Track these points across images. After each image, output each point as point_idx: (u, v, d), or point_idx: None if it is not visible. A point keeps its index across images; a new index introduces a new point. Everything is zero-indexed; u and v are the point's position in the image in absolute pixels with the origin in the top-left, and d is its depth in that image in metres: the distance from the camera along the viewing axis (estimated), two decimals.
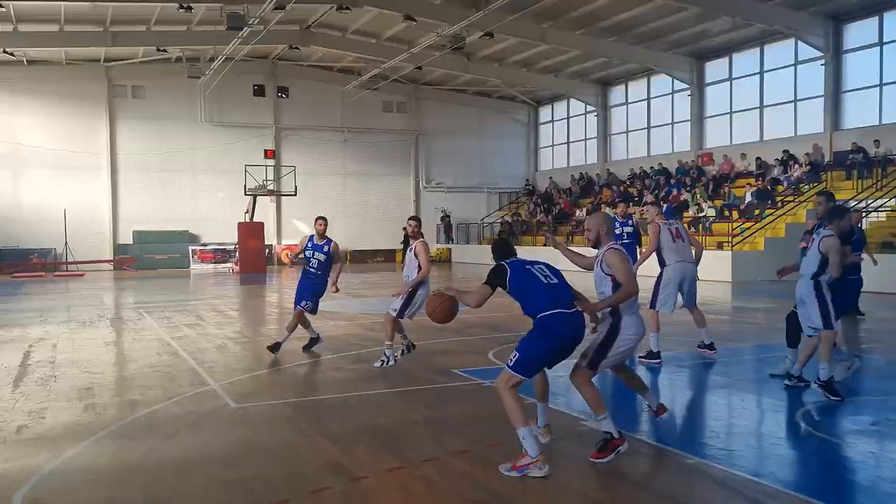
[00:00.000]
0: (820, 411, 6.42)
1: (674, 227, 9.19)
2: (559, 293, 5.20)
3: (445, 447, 5.64)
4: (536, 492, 4.78)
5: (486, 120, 38.77)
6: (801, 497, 4.57)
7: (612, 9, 24.96)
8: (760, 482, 4.81)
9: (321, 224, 9.89)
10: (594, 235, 5.57)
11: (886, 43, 22.75)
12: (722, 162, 27.66)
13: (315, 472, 5.12)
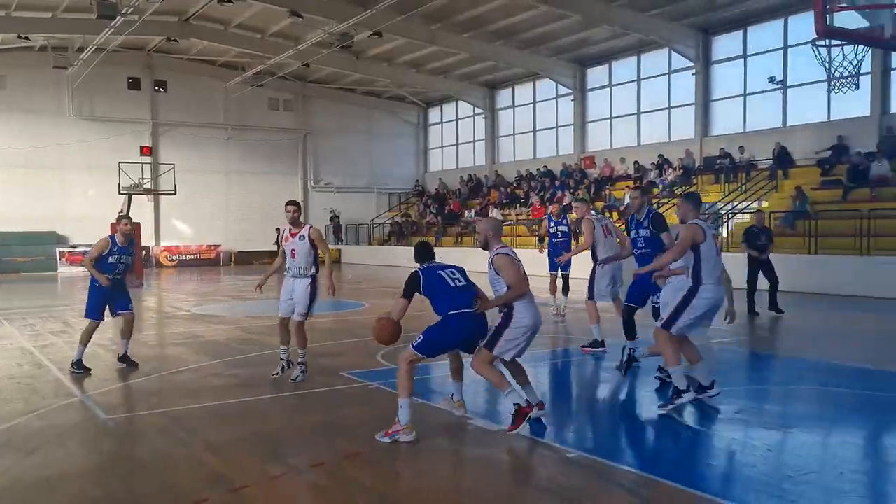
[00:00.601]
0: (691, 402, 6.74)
1: (604, 222, 9.82)
2: (464, 296, 5.83)
3: (334, 451, 5.57)
4: (425, 492, 4.79)
5: (375, 120, 38.63)
6: (671, 485, 4.78)
7: (498, 13, 25.43)
8: (636, 472, 5.02)
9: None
10: (483, 239, 6.04)
11: (750, 55, 24.29)
12: (603, 165, 28.72)
13: (192, 484, 4.93)
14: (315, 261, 7.88)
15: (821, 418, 6.37)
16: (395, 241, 34.77)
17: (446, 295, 5.83)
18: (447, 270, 5.98)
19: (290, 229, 7.88)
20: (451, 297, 5.82)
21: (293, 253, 7.80)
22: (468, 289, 5.92)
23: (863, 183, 19.36)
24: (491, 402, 7.35)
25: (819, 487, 4.71)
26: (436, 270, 5.97)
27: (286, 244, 7.83)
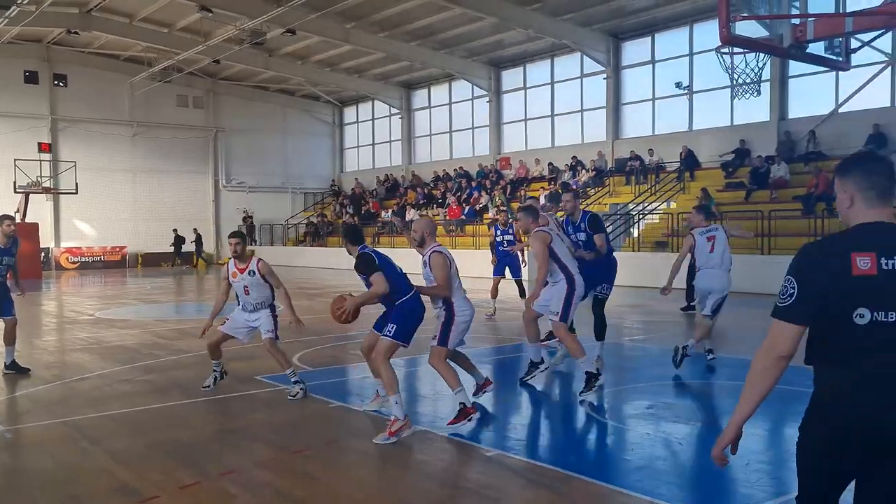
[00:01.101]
0: (605, 399, 6.90)
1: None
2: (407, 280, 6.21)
3: (247, 457, 5.42)
4: (343, 496, 4.72)
5: (289, 118, 37.98)
6: (587, 479, 4.88)
7: (414, 14, 25.41)
8: (553, 468, 5.09)
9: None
10: (419, 237, 6.36)
11: (658, 61, 25.12)
12: (518, 166, 29.13)
13: (98, 496, 4.70)
14: (271, 290, 7.38)
15: (728, 412, 6.61)
16: (310, 242, 34.30)
17: (399, 278, 6.14)
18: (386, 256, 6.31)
19: (237, 264, 7.27)
20: (402, 281, 6.14)
21: (246, 290, 7.26)
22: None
23: (763, 185, 20.31)
24: (409, 402, 7.33)
25: (727, 478, 4.88)
26: (380, 253, 6.27)
27: (234, 281, 7.26)
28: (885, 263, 2.36)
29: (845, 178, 2.54)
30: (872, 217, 2.46)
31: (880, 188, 2.47)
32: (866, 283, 2.35)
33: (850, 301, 2.36)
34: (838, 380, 2.45)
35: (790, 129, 21.42)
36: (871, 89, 19.75)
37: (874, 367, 2.38)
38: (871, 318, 2.35)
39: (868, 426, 2.39)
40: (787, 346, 2.46)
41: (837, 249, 2.42)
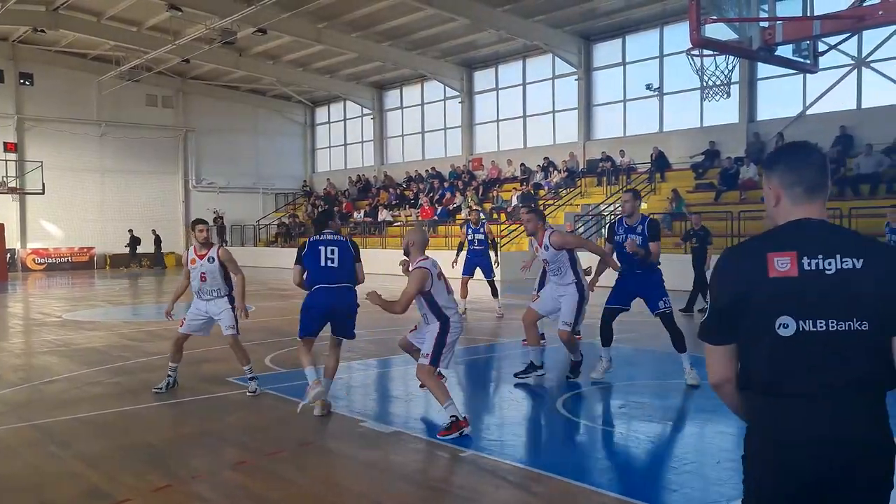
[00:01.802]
0: (578, 398, 6.94)
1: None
2: (330, 273, 6.41)
3: (220, 460, 5.37)
4: (315, 498, 4.69)
5: (260, 119, 37.68)
6: (561, 479, 4.90)
7: (386, 14, 25.36)
8: (526, 468, 5.11)
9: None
10: (405, 245, 6.29)
11: (629, 63, 25.34)
12: (490, 167, 29.20)
13: (69, 500, 4.63)
14: (228, 279, 7.40)
15: (699, 410, 6.69)
16: (282, 243, 34.06)
17: (314, 271, 6.41)
18: (328, 247, 6.47)
19: (196, 251, 7.33)
20: (316, 274, 6.40)
21: (203, 277, 7.27)
22: (339, 269, 6.45)
23: (733, 186, 20.58)
24: (382, 404, 7.32)
25: (699, 476, 4.94)
26: (318, 244, 6.48)
27: (192, 267, 7.28)
28: (808, 263, 2.04)
29: (770, 174, 2.24)
30: (799, 215, 2.15)
31: (808, 183, 2.16)
32: (786, 286, 2.03)
33: (770, 308, 2.05)
34: (768, 409, 2.09)
35: (759, 131, 21.74)
36: (838, 91, 20.15)
37: (806, 389, 2.03)
38: (797, 327, 2.03)
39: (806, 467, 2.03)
40: (717, 370, 2.17)
41: (752, 250, 2.14)
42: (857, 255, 2.04)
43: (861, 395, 2.03)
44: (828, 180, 2.19)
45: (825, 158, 2.21)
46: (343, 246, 6.57)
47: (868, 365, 2.03)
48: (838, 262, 2.04)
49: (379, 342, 10.76)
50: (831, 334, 2.02)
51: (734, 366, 2.15)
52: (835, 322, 2.02)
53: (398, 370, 9.06)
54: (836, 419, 2.01)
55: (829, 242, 2.08)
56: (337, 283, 6.44)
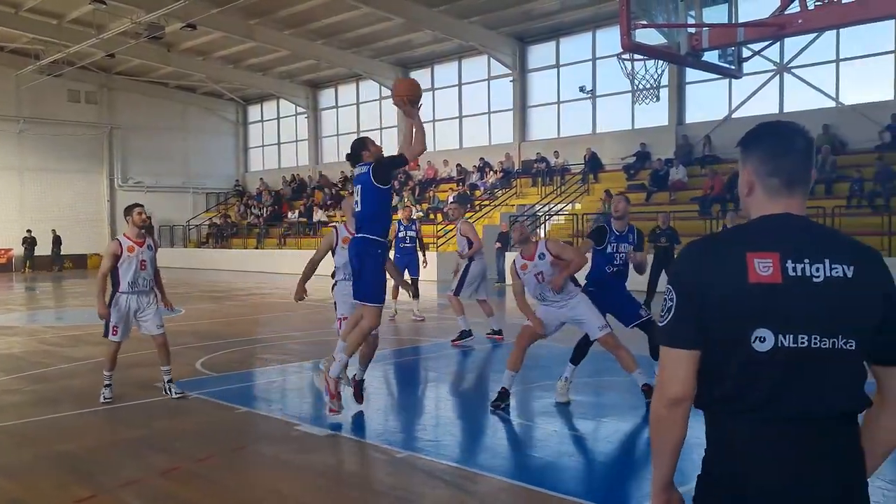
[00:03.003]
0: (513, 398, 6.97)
1: None
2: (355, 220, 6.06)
3: (148, 468, 5.20)
4: (247, 502, 4.59)
5: (190, 116, 36.78)
6: (497, 478, 4.92)
7: (320, 12, 25.08)
8: (462, 468, 5.11)
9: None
10: None
11: (562, 65, 25.72)
12: (426, 167, 29.21)
13: None
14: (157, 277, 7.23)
15: (632, 407, 6.81)
16: (213, 244, 33.35)
17: None
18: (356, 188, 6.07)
19: (134, 237, 6.96)
20: None
21: (143, 265, 6.93)
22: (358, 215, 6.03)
23: (663, 187, 21.10)
24: (317, 406, 7.22)
25: (632, 473, 5.03)
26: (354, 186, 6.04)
27: (131, 255, 6.85)
28: (793, 269, 1.73)
29: (745, 157, 1.90)
30: (776, 209, 1.83)
31: (787, 175, 1.83)
32: (767, 294, 1.72)
33: (746, 319, 1.73)
34: (736, 435, 1.78)
35: (687, 134, 22.36)
36: (762, 96, 20.91)
37: (784, 414, 1.74)
38: (776, 342, 1.72)
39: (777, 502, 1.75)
40: (676, 382, 1.80)
41: (729, 248, 1.79)
42: (849, 262, 1.75)
43: (839, 428, 1.76)
44: (811, 171, 1.86)
45: (811, 144, 1.86)
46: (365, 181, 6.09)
47: (850, 392, 1.77)
48: (827, 269, 1.74)
49: (314, 344, 10.64)
50: (813, 352, 1.73)
51: (692, 380, 1.80)
52: (818, 338, 1.72)
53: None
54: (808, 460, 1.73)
55: (816, 245, 1.77)
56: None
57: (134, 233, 6.99)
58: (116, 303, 6.91)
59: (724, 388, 1.77)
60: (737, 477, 1.77)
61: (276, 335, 11.49)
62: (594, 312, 6.50)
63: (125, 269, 6.86)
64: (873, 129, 18.61)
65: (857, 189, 16.98)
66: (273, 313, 14.77)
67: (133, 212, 7.03)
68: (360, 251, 5.83)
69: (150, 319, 7.03)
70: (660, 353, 1.85)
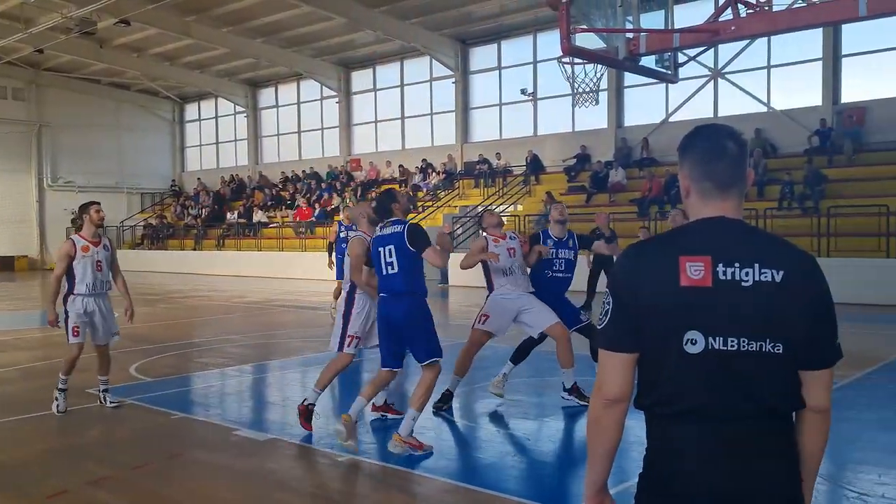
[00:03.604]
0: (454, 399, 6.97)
1: None
2: (387, 280, 5.37)
3: (81, 477, 5.01)
4: None
5: (124, 114, 35.75)
6: (441, 479, 4.91)
7: (259, 9, 24.69)
8: (405, 470, 5.08)
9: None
10: None
11: (504, 67, 25.91)
12: (369, 168, 29.06)
13: None
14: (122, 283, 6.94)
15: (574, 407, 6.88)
16: (149, 245, 32.52)
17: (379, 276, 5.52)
18: (387, 248, 5.36)
19: (89, 237, 6.60)
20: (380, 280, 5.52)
21: (99, 266, 6.56)
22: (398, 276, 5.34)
23: (603, 189, 21.45)
24: (257, 411, 7.09)
25: (573, 473, 5.08)
26: (378, 244, 5.45)
27: (86, 255, 6.47)
28: (724, 272, 1.76)
29: (682, 161, 1.93)
30: (710, 212, 1.85)
31: (719, 179, 1.85)
32: (698, 297, 1.76)
33: (678, 321, 1.77)
34: (673, 435, 1.82)
35: (626, 137, 22.78)
36: (697, 100, 21.47)
37: (716, 414, 1.78)
38: (706, 345, 1.76)
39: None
40: (613, 383, 1.83)
41: (663, 252, 1.84)
42: (778, 267, 1.77)
43: (771, 427, 1.81)
44: (745, 173, 1.87)
45: (743, 148, 1.88)
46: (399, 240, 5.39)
47: (780, 393, 1.80)
48: (756, 273, 1.77)
49: (254, 347, 10.46)
50: (742, 355, 1.76)
51: (629, 382, 1.85)
52: (746, 341, 1.76)
53: (274, 376, 8.84)
54: (741, 458, 1.78)
55: (747, 248, 1.80)
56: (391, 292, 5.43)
57: (90, 232, 6.60)
58: (73, 303, 6.52)
59: (660, 390, 1.81)
60: (674, 476, 1.81)
61: (214, 338, 11.26)
62: (546, 306, 6.54)
63: (81, 271, 6.50)
64: (803, 134, 19.30)
65: (788, 191, 17.52)
66: (211, 316, 14.47)
67: (90, 209, 6.62)
68: (412, 310, 5.36)
69: (103, 326, 6.67)
70: (598, 355, 1.89)
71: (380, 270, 5.43)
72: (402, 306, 5.33)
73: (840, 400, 6.71)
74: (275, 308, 15.44)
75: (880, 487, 4.63)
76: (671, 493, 1.81)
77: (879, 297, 14.07)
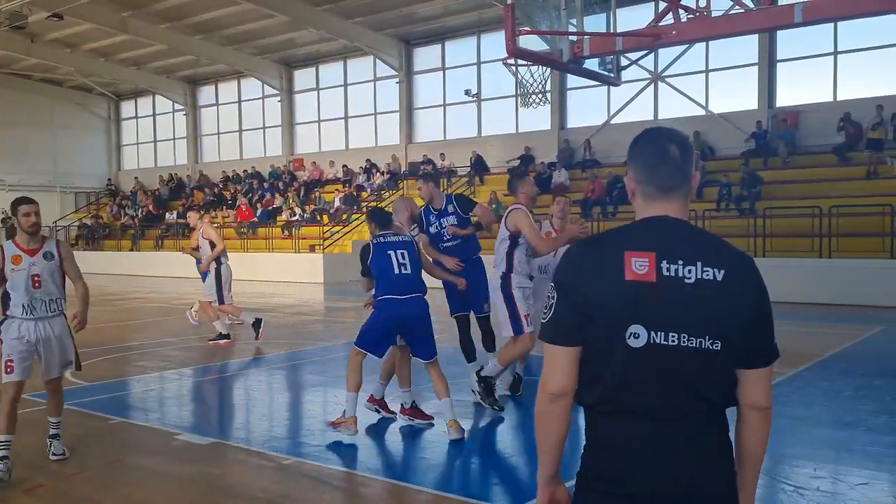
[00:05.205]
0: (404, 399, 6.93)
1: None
2: (402, 281, 5.63)
3: (13, 486, 4.81)
4: None
5: (58, 111, 34.54)
6: (387, 480, 4.88)
7: (198, 6, 24.17)
8: (353, 472, 5.03)
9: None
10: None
11: (448, 68, 25.95)
12: (312, 168, 28.76)
13: None
14: (64, 289, 5.28)
15: (520, 404, 6.92)
16: (84, 246, 31.51)
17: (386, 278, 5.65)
18: (398, 251, 5.69)
19: (20, 245, 5.10)
20: (390, 282, 5.64)
21: (36, 282, 5.02)
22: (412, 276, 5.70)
23: (546, 190, 21.63)
24: (199, 414, 6.93)
25: (522, 469, 5.09)
26: (385, 249, 5.70)
27: (17, 269, 4.99)
28: (667, 269, 1.80)
29: (628, 164, 1.99)
30: (655, 213, 1.91)
31: (662, 182, 1.90)
32: (642, 291, 1.79)
33: (622, 315, 1.80)
34: (611, 433, 1.85)
35: (569, 138, 23.06)
36: (638, 103, 21.89)
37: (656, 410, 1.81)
38: (649, 339, 1.79)
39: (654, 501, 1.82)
40: (558, 378, 1.86)
41: (609, 247, 1.87)
42: (719, 266, 1.81)
43: (709, 424, 1.85)
44: (689, 176, 1.92)
45: (688, 152, 1.92)
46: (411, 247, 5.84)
47: (718, 390, 1.84)
48: (699, 271, 1.80)
49: (194, 349, 10.23)
50: (681, 350, 1.79)
51: (573, 377, 1.86)
52: (686, 337, 1.79)
53: (215, 379, 8.66)
54: (682, 455, 1.81)
55: (691, 247, 1.84)
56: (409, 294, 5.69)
57: (23, 239, 5.11)
58: (7, 329, 5.05)
59: (605, 386, 1.83)
60: (614, 473, 1.83)
61: (153, 341, 10.97)
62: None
63: (14, 288, 5.01)
64: (740, 137, 19.84)
65: (725, 193, 17.97)
66: (150, 318, 14.10)
67: (18, 211, 5.11)
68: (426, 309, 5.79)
69: (52, 356, 5.16)
70: (544, 349, 1.91)
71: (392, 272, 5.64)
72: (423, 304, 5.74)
73: (775, 397, 6.82)
74: None
75: (815, 481, 4.76)
76: (610, 492, 1.83)
77: (812, 296, 14.51)
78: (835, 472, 5.03)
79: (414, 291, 5.68)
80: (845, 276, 14.53)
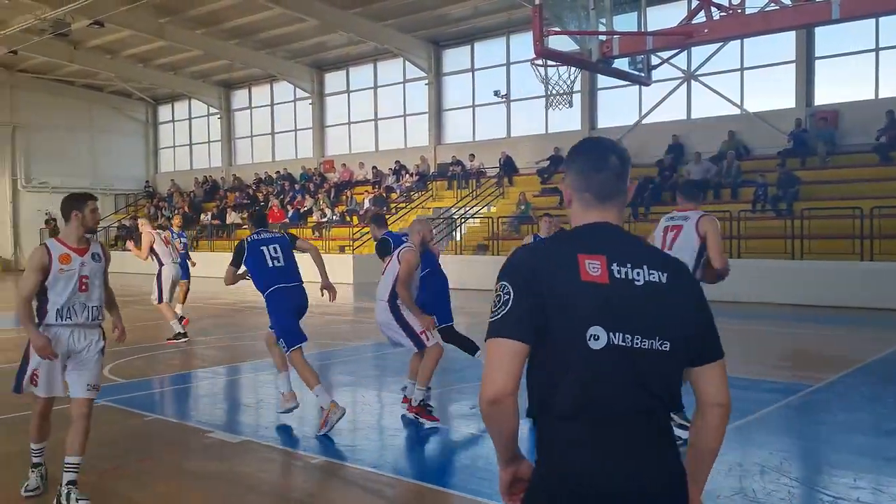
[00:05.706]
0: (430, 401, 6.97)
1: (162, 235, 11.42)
2: (281, 273, 6.13)
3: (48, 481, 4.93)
4: None
5: (98, 116, 35.28)
6: (415, 482, 4.92)
7: (233, 12, 24.52)
8: (380, 473, 5.07)
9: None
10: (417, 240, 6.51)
11: (477, 69, 25.95)
12: (342, 170, 28.97)
13: None
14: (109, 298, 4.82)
15: None
16: (122, 246, 32.10)
17: (263, 273, 6.13)
18: (270, 246, 6.18)
19: (67, 243, 4.57)
20: (267, 276, 6.13)
21: (84, 283, 4.49)
22: (289, 268, 6.20)
23: None
24: (230, 413, 7.04)
25: None
26: (259, 245, 6.19)
27: (66, 268, 4.45)
28: (618, 271, 1.84)
29: (565, 172, 2.03)
30: (592, 219, 1.95)
31: (598, 190, 1.95)
32: (597, 292, 1.80)
33: (582, 316, 1.79)
34: (565, 435, 1.83)
35: None
36: (670, 103, 21.61)
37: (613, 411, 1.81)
38: (608, 340, 1.79)
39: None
40: (496, 379, 1.79)
41: (562, 248, 1.88)
42: (663, 269, 1.88)
43: (660, 424, 1.88)
44: (625, 185, 1.98)
45: (624, 162, 1.97)
46: (284, 243, 6.36)
47: (668, 390, 1.86)
48: (646, 274, 1.86)
49: (226, 349, 10.38)
50: (636, 352, 1.81)
51: (517, 375, 1.81)
52: (640, 339, 1.81)
53: (247, 377, 8.79)
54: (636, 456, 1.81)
55: (634, 251, 1.90)
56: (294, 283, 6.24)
57: (75, 236, 4.60)
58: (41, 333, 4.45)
59: (563, 388, 1.80)
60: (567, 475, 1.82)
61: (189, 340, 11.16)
62: None
63: (58, 290, 4.45)
64: (776, 136, 19.47)
65: (762, 194, 17.58)
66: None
67: (84, 207, 4.65)
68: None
69: (81, 371, 4.51)
70: (487, 347, 1.84)
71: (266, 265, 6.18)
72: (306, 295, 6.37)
73: (815, 403, 6.78)
74: (248, 309, 15.31)
75: (854, 491, 4.57)
76: (563, 494, 1.81)
77: (853, 300, 14.07)
78: (876, 483, 4.81)
79: (297, 280, 6.22)
80: (888, 280, 14.05)
